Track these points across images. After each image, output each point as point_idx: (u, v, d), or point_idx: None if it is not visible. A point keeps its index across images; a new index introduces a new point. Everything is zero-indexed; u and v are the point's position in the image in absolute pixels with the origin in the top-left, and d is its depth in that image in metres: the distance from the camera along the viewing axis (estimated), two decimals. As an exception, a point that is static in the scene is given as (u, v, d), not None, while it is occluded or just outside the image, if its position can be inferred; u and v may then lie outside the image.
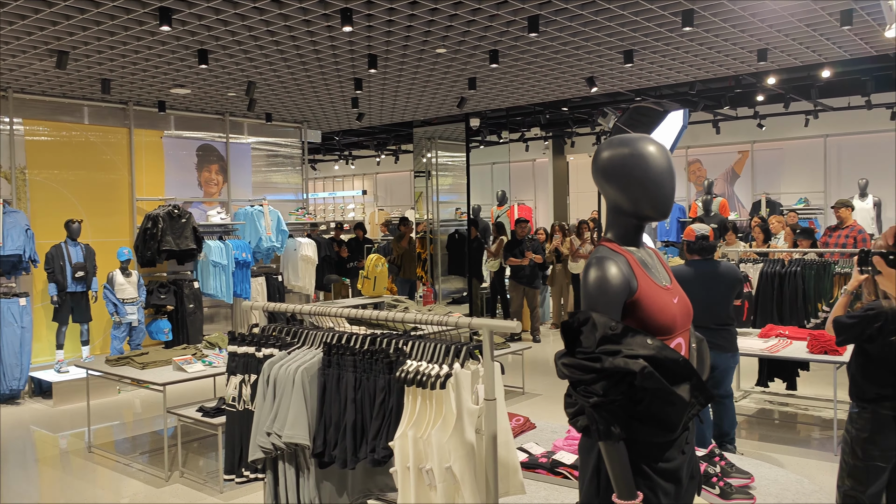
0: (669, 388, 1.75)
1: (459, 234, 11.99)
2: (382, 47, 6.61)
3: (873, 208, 12.28)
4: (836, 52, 7.18)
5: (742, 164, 14.54)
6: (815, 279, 7.06)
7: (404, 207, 18.60)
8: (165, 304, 8.51)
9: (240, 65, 7.15)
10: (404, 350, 2.61)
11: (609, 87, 8.85)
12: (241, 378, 3.02)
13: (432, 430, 2.42)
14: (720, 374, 5.37)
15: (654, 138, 2.02)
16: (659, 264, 2.06)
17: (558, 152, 16.33)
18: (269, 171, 10.77)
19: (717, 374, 5.37)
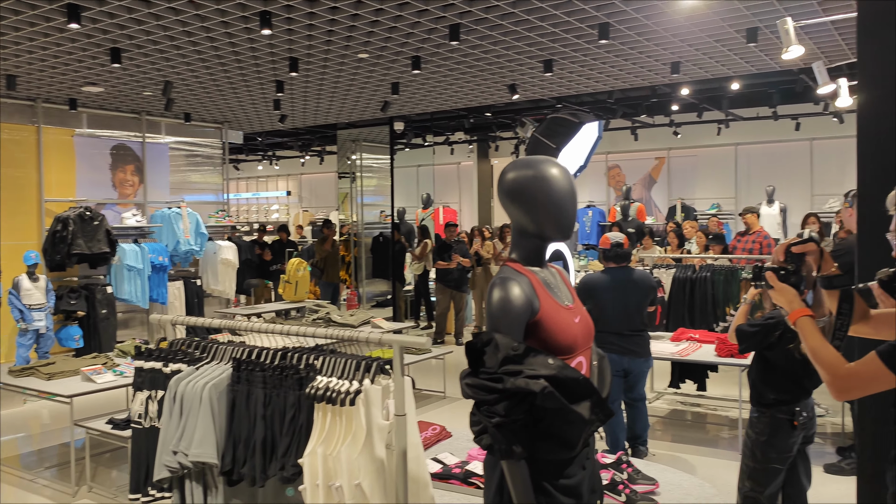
0: (569, 408, 1.80)
1: (384, 237, 11.97)
2: (303, 51, 6.54)
3: (780, 214, 12.88)
4: (744, 66, 7.50)
5: (659, 169, 15.01)
6: (724, 284, 7.36)
7: (329, 208, 18.43)
8: (76, 309, 8.19)
9: (155, 64, 6.94)
10: (315, 366, 2.59)
11: (531, 94, 8.99)
12: (148, 394, 2.94)
13: (342, 446, 2.41)
14: (634, 379, 5.54)
15: (558, 161, 2.07)
16: (562, 284, 2.12)
17: (483, 156, 16.49)
18: (188, 171, 10.49)
19: (631, 379, 5.53)
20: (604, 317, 5.36)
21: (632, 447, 5.61)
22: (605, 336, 5.39)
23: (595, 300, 5.39)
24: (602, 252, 5.56)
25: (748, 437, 3.81)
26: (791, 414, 3.69)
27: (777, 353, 3.73)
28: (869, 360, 1.90)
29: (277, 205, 20.57)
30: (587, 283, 5.49)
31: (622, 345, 5.35)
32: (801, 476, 3.82)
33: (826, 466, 5.32)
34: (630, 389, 5.54)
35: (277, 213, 20.11)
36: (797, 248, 2.19)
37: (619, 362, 5.37)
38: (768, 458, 3.73)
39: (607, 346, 5.38)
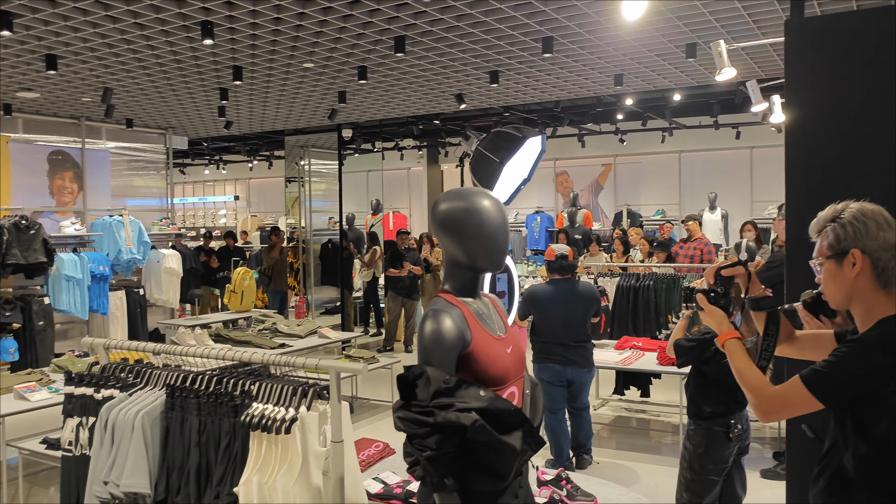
0: (500, 440, 1.82)
1: (332, 244, 11.88)
2: (247, 59, 6.45)
3: (721, 220, 13.20)
4: (685, 79, 7.68)
5: (605, 176, 15.24)
6: (666, 292, 7.51)
7: (278, 213, 18.20)
8: (11, 321, 7.91)
9: (94, 71, 6.77)
10: (251, 392, 2.56)
11: (478, 103, 9.04)
12: (79, 421, 2.86)
13: (278, 475, 2.39)
14: (577, 389, 5.62)
15: (491, 193, 2.09)
16: (495, 314, 2.14)
17: (433, 161, 16.51)
18: (131, 176, 10.25)
19: (574, 389, 5.61)
20: (548, 328, 5.43)
21: (576, 456, 5.69)
22: (548, 346, 5.45)
23: (539, 311, 5.45)
24: (547, 264, 5.62)
25: (685, 450, 3.89)
26: (727, 426, 3.79)
27: (713, 366, 3.83)
28: (793, 384, 1.96)
29: (225, 209, 20.25)
30: (532, 295, 5.54)
31: (566, 355, 5.42)
32: (736, 486, 3.92)
33: (763, 472, 5.47)
34: (573, 399, 5.61)
35: (225, 218, 19.79)
36: (726, 272, 2.25)
37: (563, 373, 5.44)
38: (705, 470, 3.82)
39: (551, 356, 5.44)
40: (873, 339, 1.91)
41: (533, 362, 5.50)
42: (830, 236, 1.99)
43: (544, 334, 5.46)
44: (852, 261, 1.95)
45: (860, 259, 1.94)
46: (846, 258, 1.96)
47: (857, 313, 2.02)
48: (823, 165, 3.22)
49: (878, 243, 1.93)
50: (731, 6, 5.11)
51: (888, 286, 1.96)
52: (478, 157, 4.49)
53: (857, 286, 1.97)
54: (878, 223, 1.94)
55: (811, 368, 1.95)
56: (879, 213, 1.97)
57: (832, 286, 2.03)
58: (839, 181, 3.10)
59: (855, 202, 2.02)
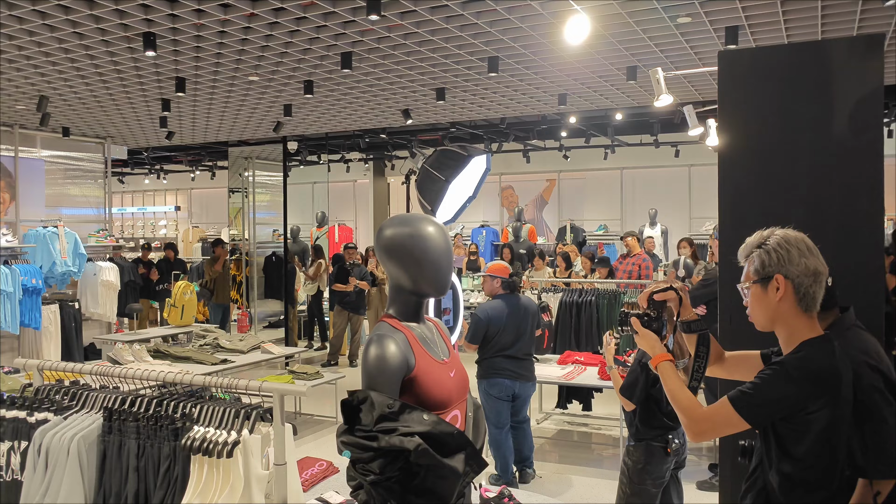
0: (443, 463, 1.84)
1: (277, 257, 11.76)
2: (191, 71, 6.37)
3: (661, 235, 13.55)
4: (625, 100, 7.88)
5: (550, 191, 15.48)
6: (608, 307, 7.65)
7: (221, 225, 17.91)
8: (-64, 337, 7.61)
9: (29, 78, 6.59)
10: (192, 414, 2.53)
11: (424, 118, 9.10)
12: (10, 445, 2.77)
13: (219, 498, 2.36)
14: (521, 403, 5.70)
15: (435, 219, 2.12)
16: (438, 338, 2.16)
17: (379, 174, 16.51)
18: (67, 186, 9.97)
19: (518, 403, 5.68)
20: (499, 343, 5.48)
21: (519, 471, 5.74)
22: (497, 361, 5.51)
23: (492, 327, 5.49)
24: (501, 281, 5.68)
25: (625, 465, 3.98)
26: (665, 442, 3.89)
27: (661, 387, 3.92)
28: (721, 405, 2.04)
29: (165, 220, 19.81)
30: (486, 313, 5.57)
31: (514, 370, 5.49)
32: (673, 498, 4.03)
33: (699, 483, 5.62)
34: (516, 413, 5.69)
35: (165, 229, 19.37)
36: (659, 296, 2.32)
37: (511, 387, 5.50)
38: (644, 484, 3.92)
39: (501, 371, 5.49)
40: (794, 363, 2.01)
41: (480, 378, 5.54)
42: (756, 262, 2.09)
43: (493, 349, 5.51)
44: (776, 286, 2.05)
45: (783, 284, 2.04)
46: (770, 283, 2.05)
47: (781, 336, 2.12)
48: (751, 191, 3.36)
49: (799, 269, 2.03)
50: (669, 33, 5.29)
51: (809, 310, 2.07)
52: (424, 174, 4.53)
53: (780, 310, 2.07)
54: (801, 250, 2.05)
55: (738, 390, 2.04)
56: (802, 241, 2.07)
57: (757, 309, 2.12)
58: (765, 207, 3.24)
59: (780, 229, 2.13)
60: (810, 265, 2.03)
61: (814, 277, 2.04)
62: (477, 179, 4.76)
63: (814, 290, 2.05)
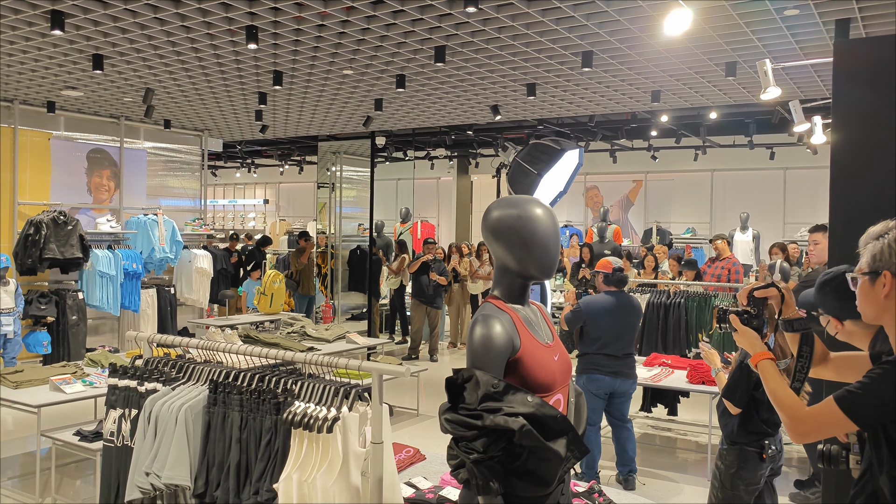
0: (546, 446, 1.83)
1: (361, 250, 11.95)
2: (288, 65, 6.54)
3: (752, 241, 13.08)
4: (722, 97, 7.64)
5: (636, 192, 15.19)
6: (697, 311, 7.45)
7: (307, 218, 18.36)
8: (45, 315, 8.07)
9: (138, 71, 6.91)
10: (293, 390, 2.59)
11: (513, 115, 9.07)
12: (121, 413, 2.91)
13: (317, 473, 2.41)
14: (622, 400, 5.59)
15: (542, 201, 2.10)
16: (542, 321, 2.15)
17: (463, 171, 16.55)
18: (166, 176, 10.42)
19: (619, 401, 5.57)
20: (600, 340, 5.39)
21: (624, 477, 5.60)
22: (597, 358, 5.43)
23: (594, 323, 5.42)
24: (604, 276, 5.60)
25: (717, 469, 3.86)
26: (760, 447, 3.75)
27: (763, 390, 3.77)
28: (826, 404, 1.95)
29: (254, 212, 20.45)
30: (589, 306, 5.50)
31: (613, 367, 5.40)
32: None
33: (791, 496, 5.40)
34: (617, 411, 5.60)
35: (254, 221, 19.99)
36: (759, 293, 2.24)
37: (610, 384, 5.42)
38: (736, 490, 3.79)
39: (599, 368, 5.41)
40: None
41: (579, 373, 5.49)
42: (869, 254, 1.98)
43: (594, 346, 5.43)
44: (883, 282, 1.93)
45: (890, 282, 1.92)
46: (878, 279, 1.94)
47: (890, 333, 2.00)
48: (867, 186, 3.20)
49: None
50: (774, 26, 5.10)
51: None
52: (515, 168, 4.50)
53: (886, 306, 1.95)
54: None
55: (845, 389, 1.93)
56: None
57: (864, 303, 2.01)
58: (879, 204, 3.08)
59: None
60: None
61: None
62: (569, 174, 4.70)
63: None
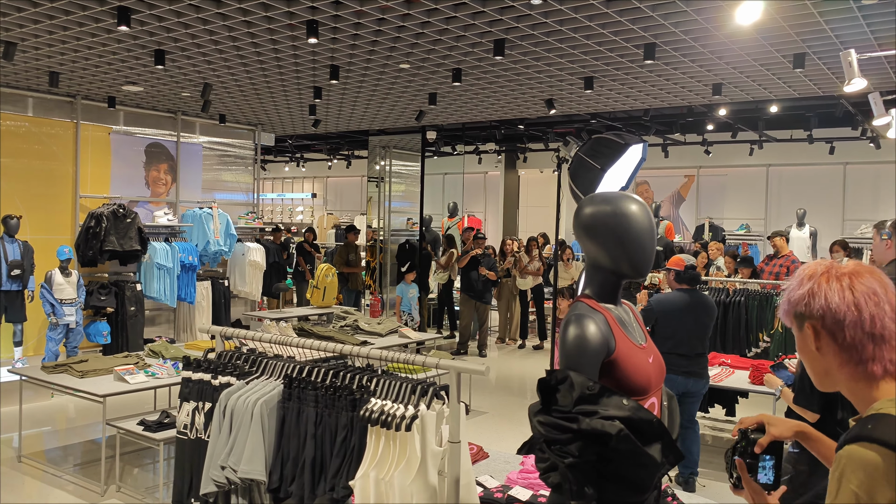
0: (643, 451, 1.77)
1: (410, 245, 11.96)
2: (346, 59, 6.55)
3: (809, 238, 12.73)
4: (786, 90, 7.42)
5: (688, 188, 14.90)
6: (758, 309, 7.26)
7: (354, 212, 18.47)
8: (105, 305, 8.24)
9: (197, 66, 6.98)
10: (368, 387, 2.57)
11: (567, 109, 8.96)
12: (195, 405, 2.92)
13: (395, 471, 2.39)
14: (692, 401, 5.44)
15: (637, 197, 2.04)
16: (635, 322, 2.08)
17: (511, 166, 16.45)
18: (221, 171, 10.55)
19: (689, 401, 5.42)
20: (673, 339, 5.26)
21: (685, 479, 5.48)
22: (669, 357, 5.29)
23: (668, 321, 5.28)
24: (676, 274, 5.47)
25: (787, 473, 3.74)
26: (833, 450, 3.62)
27: None
28: None
29: (302, 206, 20.64)
30: (661, 304, 5.38)
31: (686, 367, 5.27)
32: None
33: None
34: (687, 412, 5.45)
35: (302, 215, 20.17)
36: None
37: (683, 384, 5.27)
38: (808, 494, 3.66)
39: (671, 367, 5.27)
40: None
41: None
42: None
43: (666, 345, 5.30)
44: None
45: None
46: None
47: None
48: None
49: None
50: (850, 16, 4.91)
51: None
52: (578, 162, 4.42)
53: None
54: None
55: None
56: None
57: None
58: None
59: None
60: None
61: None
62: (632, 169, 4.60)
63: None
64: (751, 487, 1.72)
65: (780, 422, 1.82)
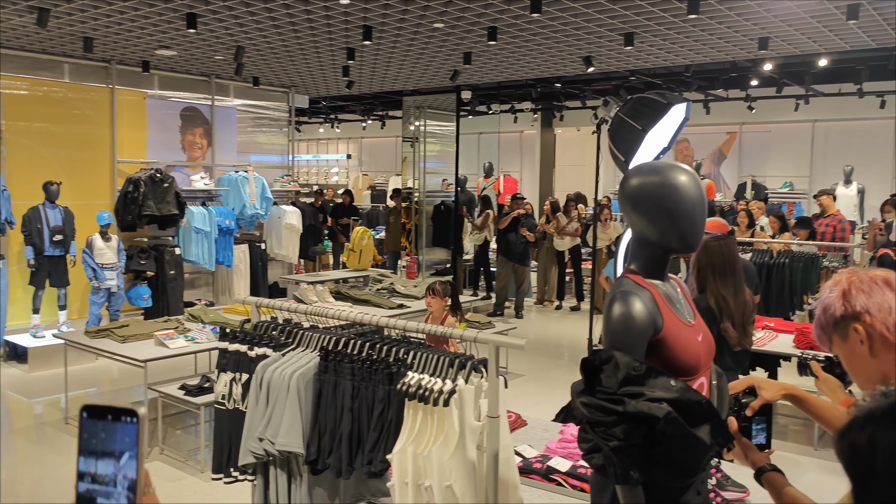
0: (692, 434, 1.69)
1: (445, 206, 11.88)
2: (378, 19, 6.41)
3: (857, 195, 12.33)
4: (837, 43, 7.10)
5: (730, 145, 14.51)
6: (803, 271, 7.07)
7: (389, 173, 18.40)
8: (145, 269, 8.35)
9: (229, 29, 6.91)
10: (406, 360, 2.53)
11: (605, 66, 8.71)
12: (232, 376, 2.92)
13: (433, 446, 2.35)
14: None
15: (687, 167, 1.93)
16: (683, 298, 1.99)
17: (547, 125, 16.18)
18: (255, 133, 10.54)
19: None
20: None
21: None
22: None
23: None
24: None
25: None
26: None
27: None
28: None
29: (337, 168, 20.63)
30: None
31: None
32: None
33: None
34: None
35: (337, 177, 20.18)
36: None
37: None
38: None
39: None
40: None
41: None
42: None
43: None
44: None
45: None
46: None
47: None
48: None
49: None
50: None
51: None
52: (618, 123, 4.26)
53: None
54: None
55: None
56: None
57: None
58: None
59: None
60: None
61: None
62: (674, 129, 4.44)
63: None
64: (742, 444, 1.78)
65: (769, 384, 1.87)
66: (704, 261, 3.99)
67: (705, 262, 3.98)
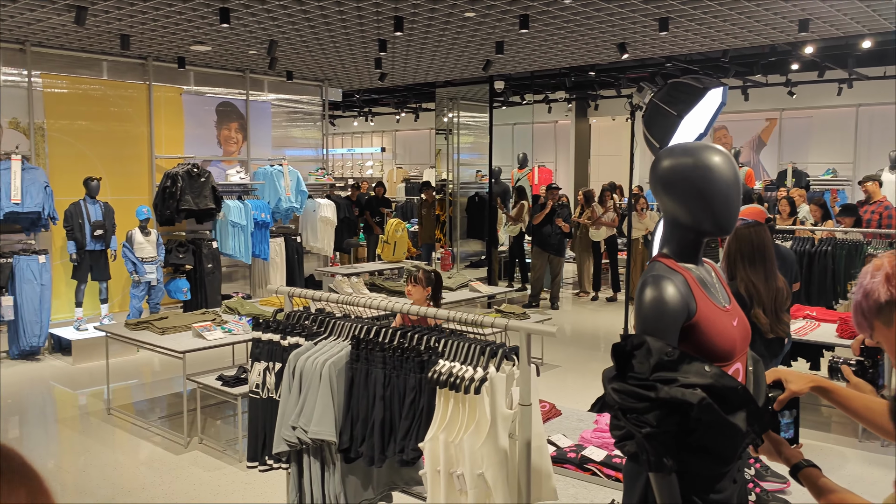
0: (727, 420, 1.65)
1: (479, 197, 11.84)
2: (409, 10, 6.40)
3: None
4: (881, 23, 6.89)
5: (769, 131, 14.22)
6: (846, 259, 6.90)
7: (423, 166, 18.41)
8: (184, 263, 8.47)
9: (262, 24, 6.96)
10: (437, 348, 2.52)
11: (640, 53, 8.58)
12: (266, 365, 2.94)
13: (465, 434, 2.34)
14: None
15: (721, 148, 1.88)
16: (718, 282, 1.94)
17: (581, 114, 16.02)
18: (289, 127, 10.62)
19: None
20: None
21: None
22: None
23: None
24: None
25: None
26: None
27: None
28: None
29: (372, 161, 20.70)
30: None
31: None
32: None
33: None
34: None
35: (371, 170, 20.25)
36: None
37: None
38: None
39: None
40: None
41: None
42: None
43: None
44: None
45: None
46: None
47: None
48: None
49: None
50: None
51: None
52: (653, 109, 4.19)
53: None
54: None
55: None
56: None
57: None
58: None
59: None
60: None
61: None
62: (710, 115, 4.35)
63: None
64: (770, 439, 1.73)
65: (796, 377, 1.81)
66: (734, 248, 3.92)
67: (735, 249, 3.91)
